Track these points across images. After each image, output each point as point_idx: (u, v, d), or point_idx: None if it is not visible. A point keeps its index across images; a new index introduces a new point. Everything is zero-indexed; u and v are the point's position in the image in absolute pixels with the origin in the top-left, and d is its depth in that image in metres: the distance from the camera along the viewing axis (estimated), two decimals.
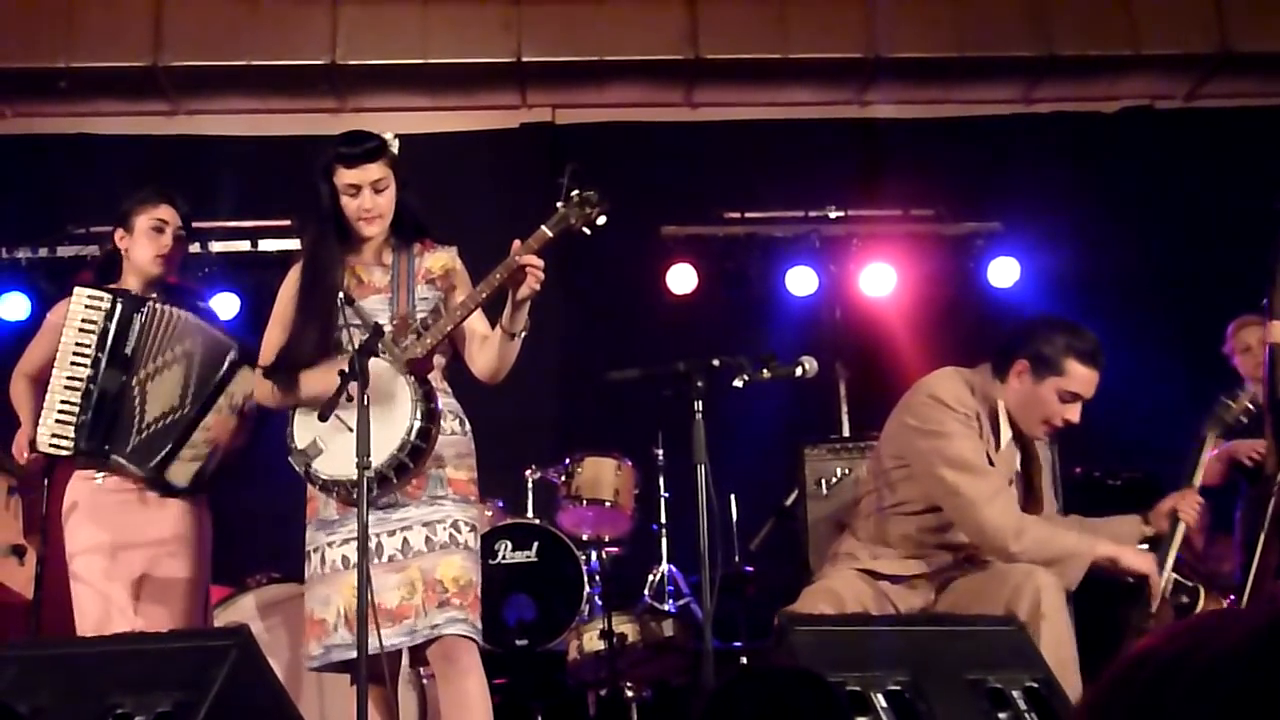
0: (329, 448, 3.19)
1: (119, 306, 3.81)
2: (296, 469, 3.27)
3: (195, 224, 4.16)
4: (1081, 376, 3.54)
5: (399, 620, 3.20)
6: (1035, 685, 2.48)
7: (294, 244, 6.55)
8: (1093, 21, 7.06)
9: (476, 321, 3.45)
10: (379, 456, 3.11)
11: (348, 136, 3.49)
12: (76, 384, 3.75)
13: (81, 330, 3.79)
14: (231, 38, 6.79)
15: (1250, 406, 4.40)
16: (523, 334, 3.34)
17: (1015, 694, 2.46)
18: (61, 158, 6.99)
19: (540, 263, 3.25)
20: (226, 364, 3.85)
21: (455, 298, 3.49)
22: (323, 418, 3.12)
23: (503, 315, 3.33)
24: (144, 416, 3.78)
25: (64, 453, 3.76)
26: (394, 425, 3.18)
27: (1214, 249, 6.73)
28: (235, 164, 6.90)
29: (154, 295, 3.90)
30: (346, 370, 3.11)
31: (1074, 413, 3.58)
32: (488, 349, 3.41)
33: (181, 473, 3.79)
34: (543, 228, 3.27)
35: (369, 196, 3.42)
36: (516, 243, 3.26)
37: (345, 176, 3.41)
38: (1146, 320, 6.69)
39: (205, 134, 7.14)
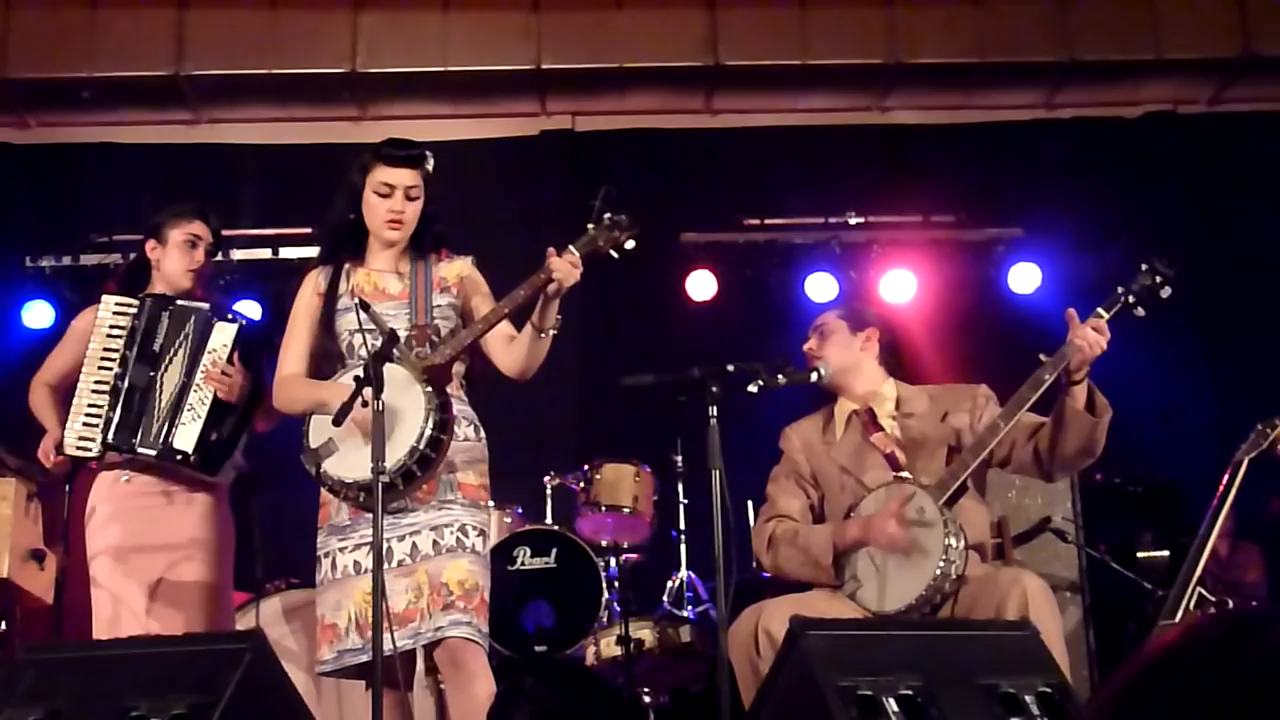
0: (341, 450, 3.19)
1: (148, 304, 3.88)
2: (307, 469, 3.27)
3: None
4: None
5: (405, 624, 3.21)
6: (1049, 690, 2.46)
7: (316, 252, 6.58)
8: (1115, 26, 7.01)
9: (501, 324, 3.46)
10: (388, 462, 3.11)
11: (393, 140, 3.57)
12: (104, 386, 3.80)
13: (110, 335, 3.85)
14: (253, 47, 6.83)
15: None
16: (553, 332, 3.34)
17: (1029, 699, 2.44)
18: (85, 167, 7.04)
19: (577, 256, 3.26)
20: (203, 324, 3.88)
21: (472, 305, 3.52)
22: (336, 422, 3.13)
23: (534, 312, 3.33)
24: (161, 405, 3.81)
25: (90, 454, 3.79)
26: (405, 432, 3.19)
27: (1238, 254, 6.68)
28: (257, 172, 6.97)
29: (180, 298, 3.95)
30: (361, 375, 3.13)
31: None
32: (516, 347, 3.42)
33: (185, 437, 3.78)
34: (570, 248, 3.27)
35: (400, 199, 3.47)
36: (551, 250, 3.27)
37: (382, 174, 3.46)
38: (1169, 326, 6.64)
39: (227, 142, 7.18)
